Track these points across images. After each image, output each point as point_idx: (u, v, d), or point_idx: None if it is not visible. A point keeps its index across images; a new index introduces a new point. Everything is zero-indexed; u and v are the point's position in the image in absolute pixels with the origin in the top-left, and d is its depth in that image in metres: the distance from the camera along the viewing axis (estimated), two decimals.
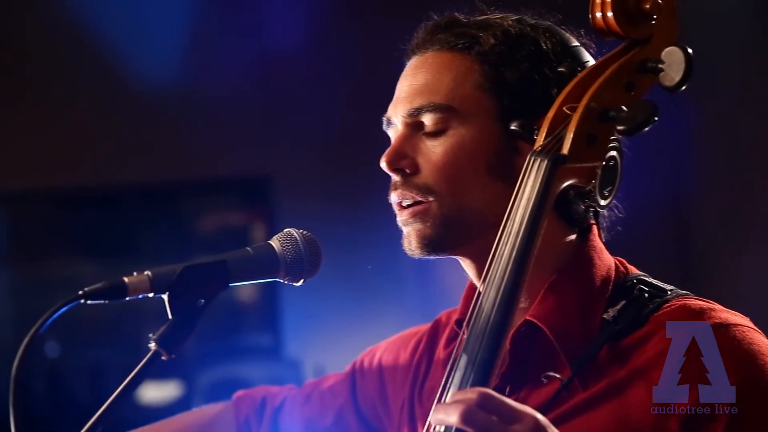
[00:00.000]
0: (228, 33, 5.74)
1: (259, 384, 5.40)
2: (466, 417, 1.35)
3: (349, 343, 5.55)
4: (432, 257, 1.71)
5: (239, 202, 6.01)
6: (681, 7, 1.63)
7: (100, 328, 5.64)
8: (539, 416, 1.38)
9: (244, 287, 5.65)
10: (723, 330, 1.58)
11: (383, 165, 1.71)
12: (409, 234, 1.70)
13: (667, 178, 5.41)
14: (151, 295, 1.51)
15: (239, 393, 2.12)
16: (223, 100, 5.70)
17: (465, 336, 1.53)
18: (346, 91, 5.59)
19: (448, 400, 1.44)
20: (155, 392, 5.62)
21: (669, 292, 1.66)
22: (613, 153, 1.63)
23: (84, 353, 5.68)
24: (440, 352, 1.87)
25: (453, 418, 1.35)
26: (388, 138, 1.78)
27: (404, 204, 1.71)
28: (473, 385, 1.45)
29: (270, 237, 1.63)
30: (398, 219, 1.72)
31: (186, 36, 5.65)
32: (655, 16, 1.60)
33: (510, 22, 1.73)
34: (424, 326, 1.98)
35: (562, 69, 1.67)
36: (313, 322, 5.51)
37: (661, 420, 1.54)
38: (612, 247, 1.77)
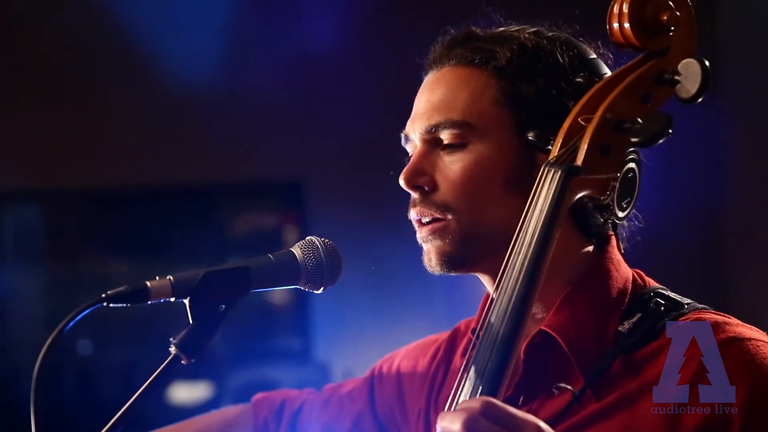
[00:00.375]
0: (264, 35, 5.77)
1: (287, 385, 5.44)
2: (469, 425, 1.36)
3: (377, 349, 5.56)
4: (453, 274, 1.72)
5: (272, 206, 6.03)
6: (716, 17, 1.64)
7: (132, 327, 5.68)
8: (542, 424, 1.39)
9: (275, 292, 5.67)
10: (737, 344, 1.57)
11: (402, 182, 1.72)
12: (429, 251, 1.71)
13: (702, 191, 5.38)
14: (172, 299, 1.53)
15: (258, 395, 2.14)
16: (257, 102, 5.73)
17: (476, 346, 1.54)
18: (379, 96, 5.60)
19: (454, 408, 1.45)
20: (185, 393, 5.66)
21: (686, 306, 1.66)
22: (632, 165, 1.63)
23: (116, 352, 5.73)
24: (457, 360, 1.88)
25: (456, 426, 1.37)
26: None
27: (423, 221, 1.72)
28: (482, 394, 1.47)
29: (301, 239, 1.65)
30: (418, 236, 1.73)
31: (222, 37, 5.69)
32: (672, 28, 1.60)
33: (527, 35, 1.73)
34: (444, 334, 1.99)
35: (579, 80, 1.66)
36: (343, 326, 5.53)
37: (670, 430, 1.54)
38: (643, 259, 1.78)
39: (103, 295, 1.50)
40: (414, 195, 1.72)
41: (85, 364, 5.70)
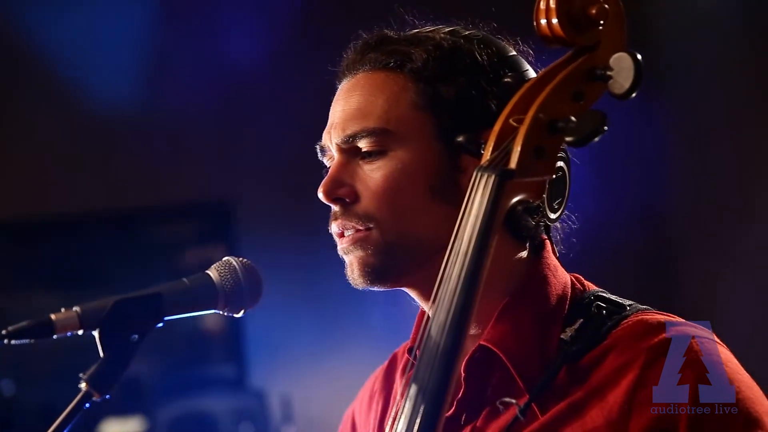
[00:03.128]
0: (186, 57, 5.69)
1: (222, 415, 5.30)
2: None
3: (315, 373, 5.53)
4: (377, 288, 1.64)
5: (200, 229, 5.95)
6: (655, 13, 1.57)
7: (52, 364, 5.54)
8: None
9: (207, 317, 5.57)
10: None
11: (321, 195, 1.65)
12: (351, 263, 1.64)
13: (644, 190, 5.39)
14: (80, 332, 1.43)
15: None
16: (181, 125, 5.64)
17: (415, 364, 1.46)
18: (307, 113, 5.52)
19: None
20: (117, 428, 5.51)
21: (628, 308, 1.60)
22: (560, 164, 1.59)
23: (37, 391, 5.57)
24: (397, 383, 1.80)
25: None
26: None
27: (345, 234, 1.64)
28: (423, 413, 1.38)
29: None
30: (339, 248, 1.66)
31: (143, 59, 5.58)
32: (602, 22, 1.53)
33: (442, 35, 1.67)
34: (384, 364, 1.92)
35: (507, 80, 1.60)
36: (278, 352, 5.44)
37: None
38: (587, 262, 1.72)
39: (3, 332, 1.39)
40: (334, 208, 1.65)
41: (7, 404, 5.54)
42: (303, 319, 5.24)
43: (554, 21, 1.52)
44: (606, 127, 1.45)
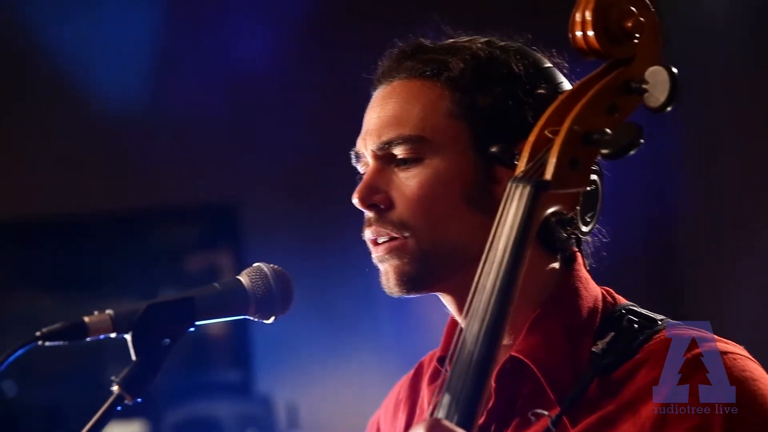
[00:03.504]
0: (194, 58, 5.68)
1: (227, 420, 5.29)
2: None
3: (322, 380, 5.52)
4: (412, 295, 1.65)
5: (206, 232, 5.93)
6: (665, 25, 1.58)
7: (58, 366, 5.53)
8: None
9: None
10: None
11: (355, 201, 1.65)
12: (387, 271, 1.64)
13: (654, 202, 5.39)
14: (113, 335, 1.43)
15: None
16: (188, 126, 5.63)
17: (448, 373, 1.46)
18: (315, 119, 5.53)
19: None
20: (119, 431, 5.50)
21: (659, 322, 1.60)
22: (594, 177, 1.59)
23: (42, 392, 5.56)
24: (423, 391, 1.80)
25: None
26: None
27: (379, 241, 1.64)
28: (457, 423, 1.38)
29: (237, 267, 1.56)
30: (373, 256, 1.66)
31: (151, 60, 5.58)
32: (637, 35, 1.53)
33: (479, 45, 1.68)
34: (409, 374, 1.92)
35: (542, 91, 1.62)
36: (285, 357, 5.43)
37: None
38: (594, 274, 1.72)
39: (38, 333, 1.40)
40: (368, 214, 1.65)
41: (10, 406, 5.53)
42: (310, 325, 5.23)
43: (590, 33, 1.52)
44: (642, 140, 1.46)
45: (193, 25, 5.67)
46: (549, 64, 1.69)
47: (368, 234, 1.65)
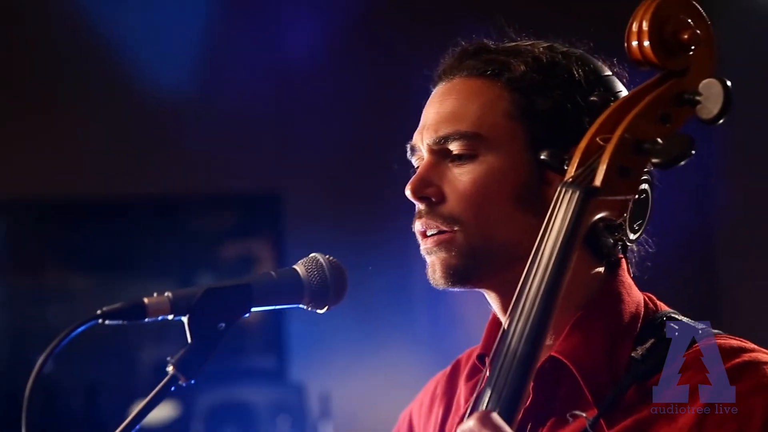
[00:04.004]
0: (244, 47, 5.72)
1: (260, 406, 5.31)
2: None
3: (355, 371, 5.54)
4: (457, 289, 1.67)
5: (246, 220, 5.95)
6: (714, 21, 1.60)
7: (95, 344, 5.58)
8: None
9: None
10: (753, 368, 1.54)
11: (408, 193, 1.68)
12: (434, 263, 1.67)
13: (694, 211, 5.38)
14: (170, 317, 1.47)
15: None
16: (234, 114, 5.67)
17: (488, 371, 1.49)
18: (360, 113, 5.56)
19: None
20: (155, 412, 5.55)
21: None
22: (644, 186, 1.61)
23: (79, 369, 5.62)
24: (461, 388, 1.83)
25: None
26: (405, 163, 1.75)
27: (429, 233, 1.67)
28: None
29: (275, 256, 1.59)
30: (422, 248, 1.69)
31: (201, 48, 5.63)
32: (693, 47, 1.56)
33: (541, 49, 1.70)
34: (445, 370, 1.94)
35: (595, 98, 1.63)
36: (320, 347, 5.46)
37: None
38: (635, 282, 1.74)
39: (99, 312, 1.44)
40: (420, 206, 1.68)
41: (47, 382, 5.58)
42: (345, 316, 5.26)
43: (645, 44, 1.54)
44: (693, 152, 1.48)
45: (245, 15, 5.71)
46: (609, 73, 1.71)
47: (418, 226, 1.68)
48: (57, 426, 5.32)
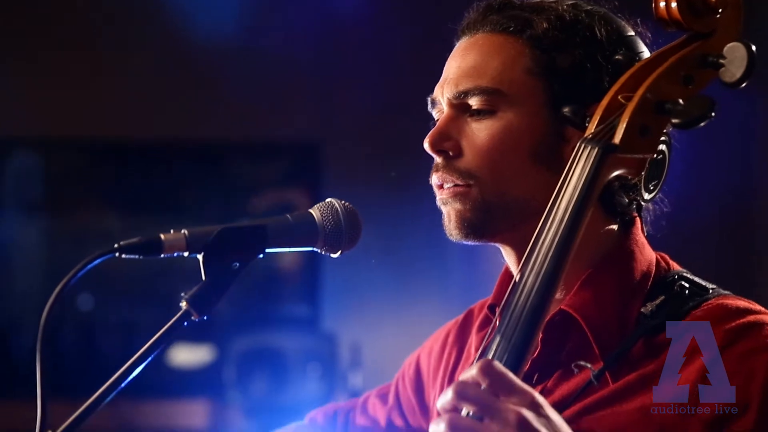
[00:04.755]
0: None
1: (292, 354, 5.36)
2: (459, 391, 1.34)
3: (387, 323, 5.57)
4: (471, 242, 1.68)
5: (286, 168, 5.98)
6: None
7: (134, 284, 5.65)
8: (538, 396, 1.36)
9: (285, 256, 5.64)
10: (758, 329, 1.55)
11: (426, 146, 1.69)
12: (449, 213, 1.68)
13: (732, 175, 5.34)
14: (186, 254, 1.50)
15: (310, 413, 2.12)
16: (281, 64, 5.68)
17: (498, 320, 1.51)
18: (404, 65, 5.55)
19: None
20: (188, 355, 5.64)
21: (710, 291, 1.63)
22: (662, 147, 1.62)
23: (117, 308, 5.70)
24: (472, 338, 1.86)
25: (449, 395, 1.35)
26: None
27: (445, 186, 1.69)
28: (506, 366, 1.42)
29: (314, 204, 1.61)
30: (438, 198, 1.70)
31: None
32: (720, 10, 1.56)
33: (564, 6, 1.70)
34: (457, 319, 1.97)
35: (619, 57, 1.63)
36: (353, 297, 5.50)
37: (685, 418, 1.51)
38: (668, 245, 1.74)
39: (116, 245, 1.46)
40: (437, 159, 1.69)
41: (85, 319, 5.67)
42: (379, 269, 5.29)
43: (673, 5, 1.55)
44: (714, 113, 1.48)
45: None
46: (632, 33, 1.71)
47: (434, 179, 1.69)
48: (95, 365, 5.41)
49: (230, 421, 5.12)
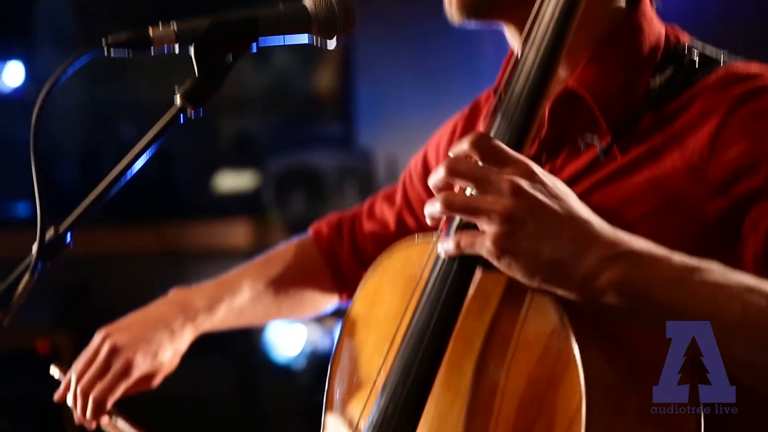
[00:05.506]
0: None
1: (329, 171, 5.38)
2: (451, 167, 1.33)
3: (422, 137, 5.51)
4: (473, 21, 1.63)
5: None
6: None
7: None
8: (532, 164, 1.35)
9: (318, 76, 5.61)
10: (762, 94, 1.50)
11: None
12: None
13: None
14: (176, 47, 1.47)
15: (314, 225, 2.13)
16: None
17: (501, 98, 1.48)
18: None
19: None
20: (231, 180, 5.69)
21: (722, 58, 1.58)
22: None
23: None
24: (480, 125, 1.83)
25: (440, 171, 1.33)
26: None
27: None
28: (508, 144, 1.40)
29: None
30: None
31: None
32: None
33: None
34: (465, 109, 1.95)
35: None
36: (387, 114, 5.46)
37: (693, 185, 1.48)
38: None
39: (104, 40, 1.44)
40: None
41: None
42: (413, 84, 5.23)
43: None
44: None
45: None
46: None
47: None
48: (134, 194, 5.46)
49: (272, 239, 5.16)
